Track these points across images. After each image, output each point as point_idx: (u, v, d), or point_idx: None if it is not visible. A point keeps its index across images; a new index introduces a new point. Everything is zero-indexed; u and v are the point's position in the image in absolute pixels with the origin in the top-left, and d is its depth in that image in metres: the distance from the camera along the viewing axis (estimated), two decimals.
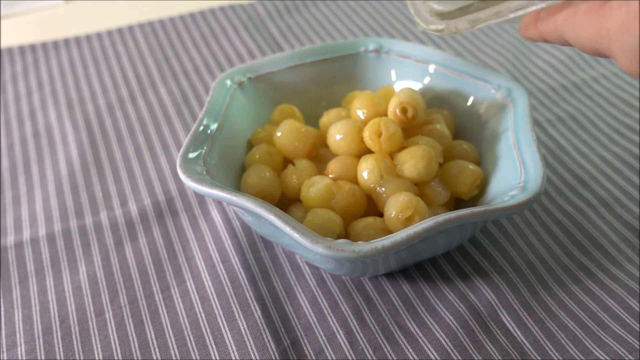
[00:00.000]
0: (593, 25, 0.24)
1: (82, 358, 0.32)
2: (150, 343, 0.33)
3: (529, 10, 0.27)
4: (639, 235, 0.37)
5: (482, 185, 0.36)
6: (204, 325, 0.34)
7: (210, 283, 0.36)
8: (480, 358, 0.31)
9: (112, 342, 0.33)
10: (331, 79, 0.43)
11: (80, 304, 0.35)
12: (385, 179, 0.34)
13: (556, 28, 0.27)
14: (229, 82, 0.39)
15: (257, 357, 0.32)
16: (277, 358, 0.32)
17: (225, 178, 0.35)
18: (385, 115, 0.36)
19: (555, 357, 0.31)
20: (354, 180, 0.35)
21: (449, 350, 0.32)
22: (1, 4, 0.65)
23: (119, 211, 0.40)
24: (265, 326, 0.33)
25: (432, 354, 0.32)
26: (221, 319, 0.34)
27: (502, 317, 0.33)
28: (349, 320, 0.33)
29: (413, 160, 0.34)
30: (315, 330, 0.33)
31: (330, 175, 0.35)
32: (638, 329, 0.32)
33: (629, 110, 0.47)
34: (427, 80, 0.41)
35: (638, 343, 0.32)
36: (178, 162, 0.32)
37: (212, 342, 0.33)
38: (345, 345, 0.32)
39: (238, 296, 0.35)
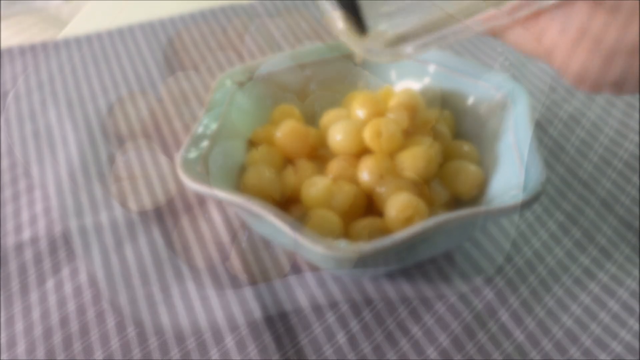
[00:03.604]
0: (533, 40, 0.23)
1: (82, 358, 0.32)
2: (151, 343, 0.33)
3: (472, 34, 0.26)
4: (639, 235, 0.37)
5: (482, 185, 0.36)
6: (204, 325, 0.34)
7: (210, 283, 0.36)
8: (480, 358, 0.31)
9: (112, 342, 0.33)
10: (331, 79, 0.43)
11: (80, 304, 0.35)
12: (385, 179, 0.34)
13: (493, 32, 0.25)
14: (229, 82, 0.39)
15: (257, 358, 0.32)
16: (277, 358, 0.32)
17: (225, 178, 0.35)
18: (385, 115, 0.36)
19: (555, 357, 0.31)
20: (354, 180, 0.35)
21: (449, 350, 0.32)
22: (1, 4, 0.65)
23: (119, 211, 0.40)
24: (265, 326, 0.33)
25: (432, 354, 0.32)
26: (221, 319, 0.34)
27: (502, 317, 0.33)
28: (349, 320, 0.33)
29: (413, 160, 0.34)
30: (315, 330, 0.33)
31: (330, 176, 0.35)
32: (638, 329, 0.32)
33: (629, 110, 0.47)
34: (427, 80, 0.41)
35: (638, 343, 0.32)
36: (178, 162, 0.32)
37: (212, 342, 0.33)
38: (346, 345, 0.32)
39: (238, 296, 0.35)
